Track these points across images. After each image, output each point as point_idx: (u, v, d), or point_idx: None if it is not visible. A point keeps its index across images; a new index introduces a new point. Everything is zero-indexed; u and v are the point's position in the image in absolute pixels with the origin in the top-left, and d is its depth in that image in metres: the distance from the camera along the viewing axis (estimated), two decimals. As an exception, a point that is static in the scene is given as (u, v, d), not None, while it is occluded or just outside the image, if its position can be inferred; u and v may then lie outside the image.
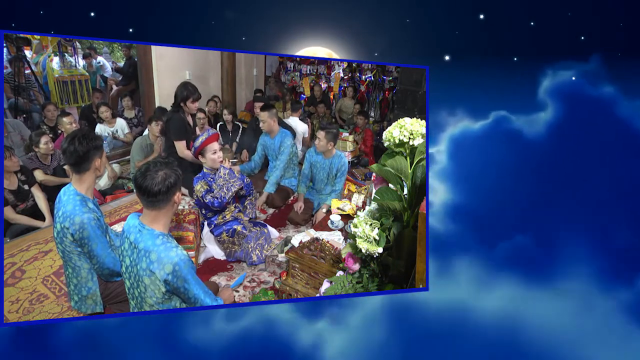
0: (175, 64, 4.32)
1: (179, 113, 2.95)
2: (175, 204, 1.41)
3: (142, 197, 1.35)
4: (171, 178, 1.34)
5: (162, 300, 1.36)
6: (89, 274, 1.67)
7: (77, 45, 5.07)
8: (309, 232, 2.44)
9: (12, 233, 2.54)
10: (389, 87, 5.58)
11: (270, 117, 3.10)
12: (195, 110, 3.03)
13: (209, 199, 2.36)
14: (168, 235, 1.38)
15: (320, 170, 3.01)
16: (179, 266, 1.31)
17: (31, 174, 2.70)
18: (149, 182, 1.31)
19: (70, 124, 3.17)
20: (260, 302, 2.01)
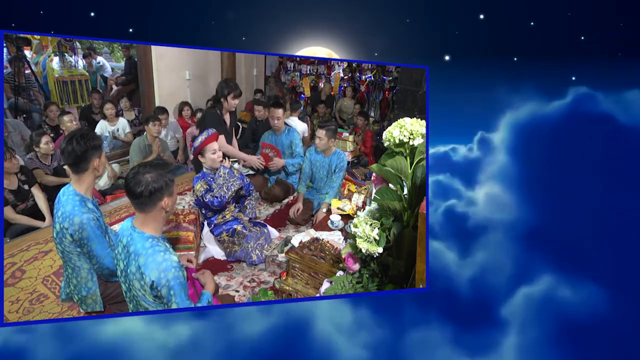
0: (175, 64, 4.31)
1: (216, 109, 2.94)
2: (164, 210, 1.35)
3: (128, 197, 1.33)
4: (156, 183, 1.28)
5: (154, 305, 1.34)
6: (88, 274, 1.67)
7: (77, 45, 5.07)
8: (309, 232, 2.44)
9: (12, 233, 2.54)
10: (389, 87, 5.58)
11: (283, 114, 3.22)
12: (234, 107, 3.00)
13: (208, 198, 2.36)
14: (159, 239, 1.35)
15: (320, 168, 3.01)
16: (164, 272, 1.26)
17: (31, 174, 2.70)
18: (134, 183, 1.27)
19: (71, 121, 3.17)
20: (260, 302, 2.01)
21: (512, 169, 2.13)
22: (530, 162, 2.11)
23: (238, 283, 2.27)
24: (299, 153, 3.26)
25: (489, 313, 1.84)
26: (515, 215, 2.05)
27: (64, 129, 3.21)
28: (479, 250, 2.02)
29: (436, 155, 2.36)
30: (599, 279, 1.83)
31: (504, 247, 2.01)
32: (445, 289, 1.91)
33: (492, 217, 2.09)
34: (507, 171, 2.12)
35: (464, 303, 1.89)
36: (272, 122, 3.21)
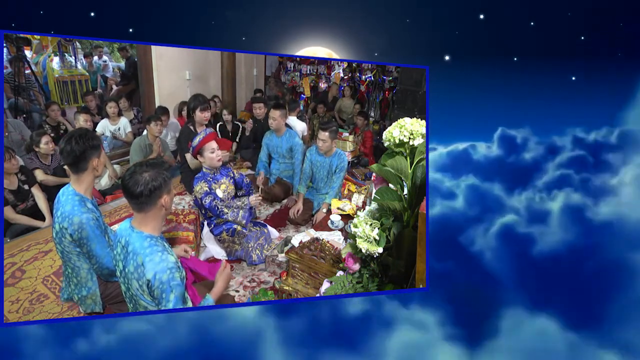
0: (175, 64, 4.31)
1: (189, 125, 3.08)
2: (163, 208, 1.34)
3: (126, 198, 1.32)
4: (155, 181, 1.28)
5: (153, 304, 1.33)
6: (88, 274, 1.67)
7: (77, 45, 5.07)
8: (309, 232, 2.44)
9: (12, 233, 2.54)
10: (389, 87, 5.57)
11: (281, 116, 3.16)
12: (207, 120, 3.11)
13: (208, 202, 2.35)
14: (158, 238, 1.34)
15: (320, 168, 3.00)
16: (159, 273, 1.26)
17: (31, 174, 2.70)
18: (132, 183, 1.27)
19: (86, 121, 3.24)
20: (260, 302, 2.01)
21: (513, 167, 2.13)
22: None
23: (238, 283, 2.27)
24: (297, 160, 3.21)
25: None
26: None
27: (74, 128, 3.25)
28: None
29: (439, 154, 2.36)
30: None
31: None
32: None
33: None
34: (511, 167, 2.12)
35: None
36: (270, 122, 3.21)
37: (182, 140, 3.19)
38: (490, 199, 2.42)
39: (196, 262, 1.86)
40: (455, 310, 1.80)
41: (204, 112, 3.04)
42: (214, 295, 1.53)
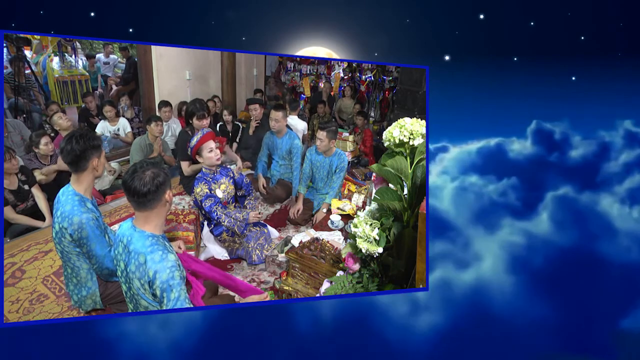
0: (175, 63, 4.31)
1: (187, 130, 3.07)
2: (168, 203, 1.37)
3: (131, 198, 1.32)
4: (159, 177, 1.31)
5: (154, 303, 1.33)
6: (88, 274, 1.67)
7: (77, 45, 5.07)
8: (309, 232, 2.44)
9: (12, 233, 2.54)
10: (389, 87, 5.57)
11: (283, 117, 3.16)
12: (205, 126, 3.10)
13: (208, 205, 2.34)
14: (160, 237, 1.35)
15: (320, 168, 3.00)
16: (160, 273, 1.26)
17: (31, 174, 2.70)
18: (137, 182, 1.28)
19: (60, 118, 3.21)
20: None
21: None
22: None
23: (238, 283, 2.27)
24: (296, 162, 3.19)
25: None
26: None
27: (57, 129, 3.22)
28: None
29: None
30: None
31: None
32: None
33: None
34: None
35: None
36: (270, 123, 3.21)
37: (179, 145, 3.19)
38: (492, 199, 2.42)
39: (195, 261, 1.86)
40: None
41: (201, 120, 3.03)
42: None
